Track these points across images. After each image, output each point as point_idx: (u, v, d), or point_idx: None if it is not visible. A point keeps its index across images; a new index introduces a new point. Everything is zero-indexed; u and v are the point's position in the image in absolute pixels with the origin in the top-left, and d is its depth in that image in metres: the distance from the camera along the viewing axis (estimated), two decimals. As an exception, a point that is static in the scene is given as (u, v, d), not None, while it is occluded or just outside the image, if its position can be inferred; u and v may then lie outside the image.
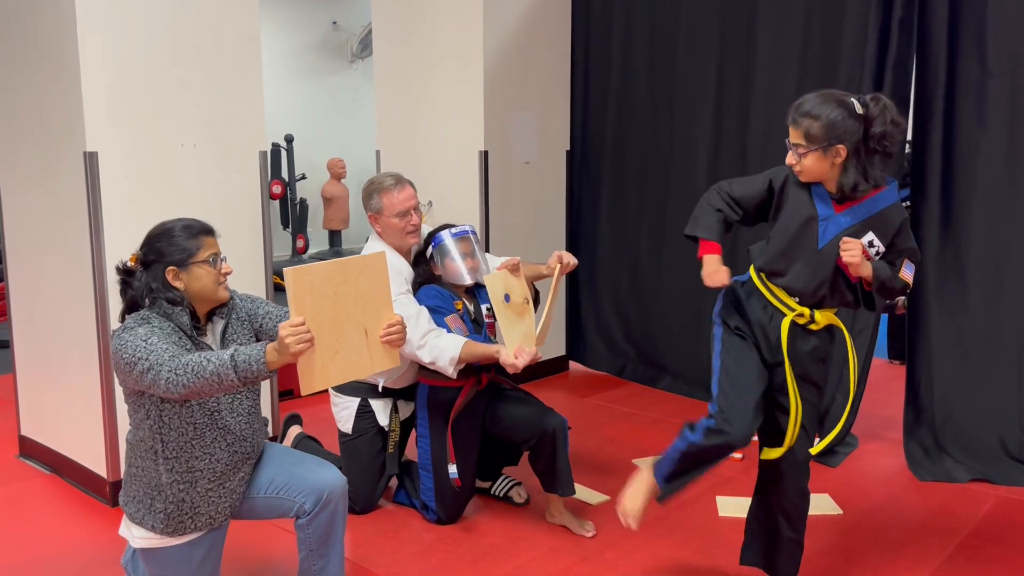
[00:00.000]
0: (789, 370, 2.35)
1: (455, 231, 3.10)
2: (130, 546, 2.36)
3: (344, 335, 2.07)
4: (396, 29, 4.85)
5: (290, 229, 9.46)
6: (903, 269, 2.31)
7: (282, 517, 2.33)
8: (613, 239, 5.00)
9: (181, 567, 2.22)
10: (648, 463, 2.47)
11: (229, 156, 3.42)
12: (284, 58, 9.96)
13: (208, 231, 2.22)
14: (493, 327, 3.16)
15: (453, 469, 2.99)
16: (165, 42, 3.20)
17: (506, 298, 2.91)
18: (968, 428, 3.60)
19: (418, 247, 3.21)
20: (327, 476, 2.30)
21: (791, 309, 2.34)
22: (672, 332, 4.80)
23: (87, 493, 3.37)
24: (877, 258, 2.30)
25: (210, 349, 2.20)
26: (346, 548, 2.46)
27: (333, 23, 10.50)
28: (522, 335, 2.91)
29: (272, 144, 8.82)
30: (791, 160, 2.28)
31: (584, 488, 3.33)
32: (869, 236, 2.27)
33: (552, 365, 5.16)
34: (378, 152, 5.01)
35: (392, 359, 2.21)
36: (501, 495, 3.32)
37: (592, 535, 3.01)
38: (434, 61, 4.67)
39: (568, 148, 5.11)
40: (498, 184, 4.65)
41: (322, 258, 8.52)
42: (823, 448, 2.51)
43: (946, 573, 2.77)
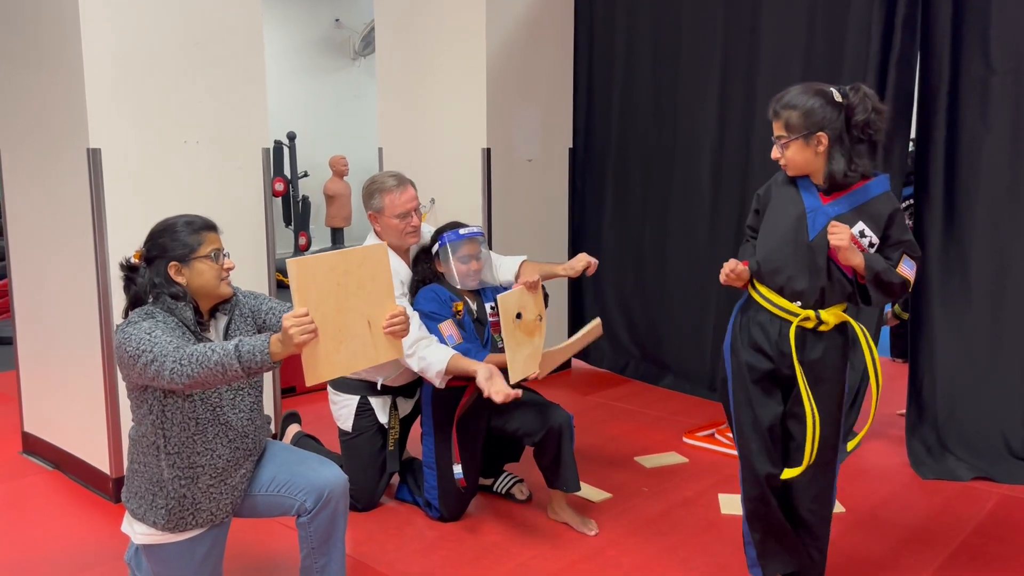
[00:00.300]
0: (802, 380, 2.29)
1: (464, 232, 3.09)
2: (133, 543, 2.36)
3: (348, 326, 2.07)
4: (399, 26, 4.85)
5: (292, 226, 9.47)
6: (901, 264, 2.25)
7: (283, 515, 2.33)
8: (616, 237, 5.00)
9: (183, 564, 2.22)
10: (654, 461, 2.47)
11: (232, 153, 3.42)
12: (286, 55, 9.96)
13: (210, 227, 2.22)
14: (497, 325, 3.16)
15: (458, 470, 2.98)
16: (169, 39, 3.20)
17: (518, 316, 2.88)
18: (971, 426, 3.60)
19: (423, 244, 3.20)
20: (328, 474, 2.30)
21: (795, 315, 2.29)
22: (676, 330, 4.80)
23: (90, 489, 3.37)
24: (872, 250, 2.26)
25: (213, 345, 2.20)
26: (348, 545, 2.46)
27: (335, 20, 10.50)
28: (527, 355, 2.89)
29: (274, 141, 8.82)
30: (776, 154, 2.30)
31: (586, 486, 3.32)
32: (860, 226, 2.24)
33: (554, 363, 5.15)
34: (380, 149, 5.01)
35: (396, 350, 2.21)
36: (503, 492, 3.32)
37: (595, 533, 3.00)
38: (436, 58, 4.67)
39: (571, 145, 5.11)
40: (501, 182, 4.65)
41: (324, 255, 8.50)
42: (855, 445, 2.47)
43: (948, 571, 2.77)
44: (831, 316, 2.30)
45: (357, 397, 3.17)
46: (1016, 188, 3.43)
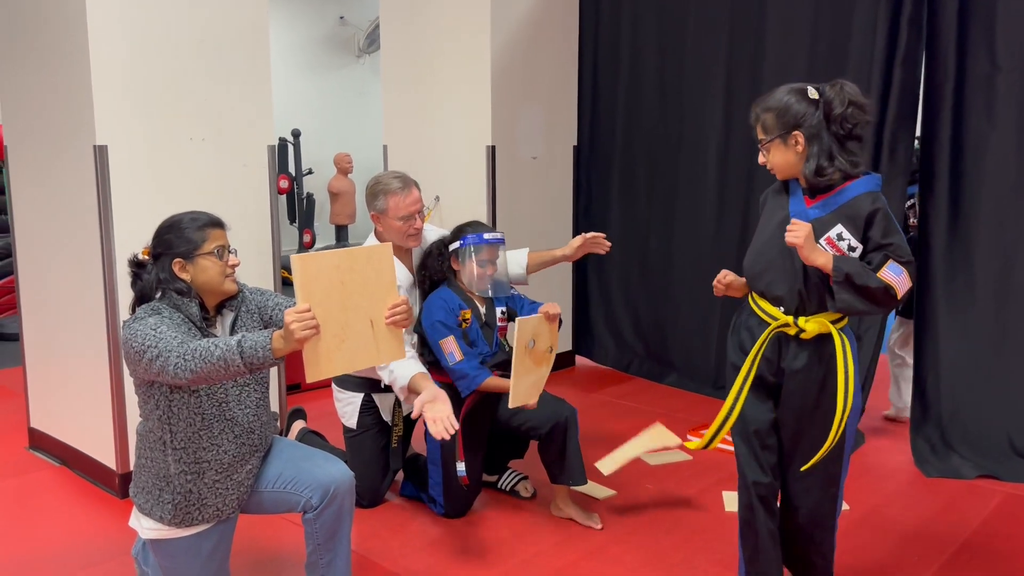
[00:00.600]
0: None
1: (489, 236, 3.07)
2: (140, 537, 2.37)
3: (350, 324, 2.07)
4: (403, 24, 4.85)
5: (297, 224, 9.48)
6: (884, 269, 2.10)
7: (289, 511, 2.34)
8: (622, 235, 4.99)
9: (190, 559, 2.23)
10: (658, 459, 2.46)
11: (237, 150, 3.43)
12: (291, 53, 9.95)
13: (216, 223, 2.23)
14: (505, 331, 3.16)
15: (461, 467, 2.99)
16: (175, 36, 3.21)
17: (531, 343, 2.87)
18: (975, 424, 3.60)
19: (442, 239, 3.18)
20: (334, 471, 2.31)
21: (775, 319, 2.24)
22: (680, 327, 4.80)
23: (96, 485, 3.38)
24: (854, 255, 2.14)
25: (219, 341, 2.21)
26: (353, 541, 2.47)
27: (340, 18, 10.49)
28: (531, 383, 2.88)
29: (279, 139, 8.83)
30: (761, 159, 2.26)
31: (590, 482, 3.32)
32: (838, 228, 2.15)
33: (558, 360, 5.14)
34: (385, 147, 5.02)
35: (399, 351, 2.21)
36: (508, 489, 3.33)
37: (600, 527, 3.01)
38: (441, 56, 4.67)
39: (575, 143, 5.11)
40: (505, 179, 4.65)
41: (329, 253, 8.50)
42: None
43: (952, 569, 2.77)
44: (813, 324, 2.19)
45: (361, 394, 3.18)
46: (1021, 186, 3.43)
